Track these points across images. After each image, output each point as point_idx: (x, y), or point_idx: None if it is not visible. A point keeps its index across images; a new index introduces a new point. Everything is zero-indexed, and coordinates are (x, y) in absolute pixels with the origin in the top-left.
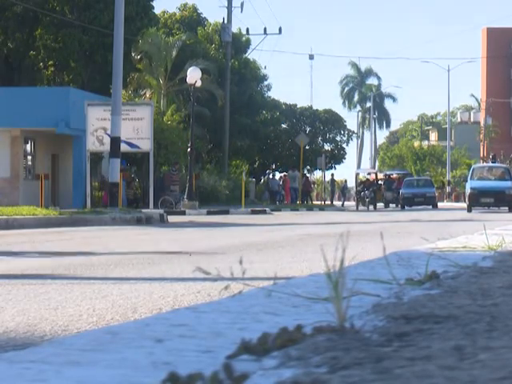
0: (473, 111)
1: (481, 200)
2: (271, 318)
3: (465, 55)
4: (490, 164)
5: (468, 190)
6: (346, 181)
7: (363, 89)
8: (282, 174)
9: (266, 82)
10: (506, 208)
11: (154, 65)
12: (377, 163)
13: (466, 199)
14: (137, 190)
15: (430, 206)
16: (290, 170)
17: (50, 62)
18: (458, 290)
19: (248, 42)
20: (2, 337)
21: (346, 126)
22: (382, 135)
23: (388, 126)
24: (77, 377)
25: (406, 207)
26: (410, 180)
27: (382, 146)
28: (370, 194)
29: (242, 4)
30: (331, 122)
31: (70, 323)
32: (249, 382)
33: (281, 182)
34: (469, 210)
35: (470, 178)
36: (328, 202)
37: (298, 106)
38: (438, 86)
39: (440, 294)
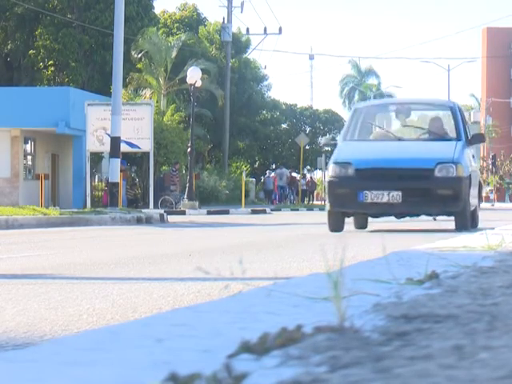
0: (473, 111)
1: (365, 198)
2: (271, 317)
3: (465, 55)
4: (404, 99)
5: (330, 172)
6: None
7: (363, 88)
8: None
9: (265, 82)
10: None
11: (154, 65)
12: None
13: (326, 197)
14: (137, 190)
15: None
16: (278, 168)
17: (50, 62)
18: (457, 290)
19: (248, 42)
20: (2, 336)
21: None
22: None
23: None
24: (77, 377)
25: None
26: None
27: None
28: None
29: (242, 4)
30: (331, 121)
31: (70, 323)
32: (249, 381)
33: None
34: (332, 226)
35: (345, 138)
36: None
37: (298, 106)
38: (438, 85)
39: (440, 294)
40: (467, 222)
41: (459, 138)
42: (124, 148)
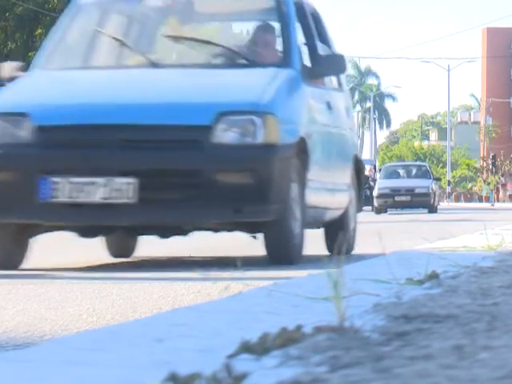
0: (473, 111)
1: (54, 194)
2: (271, 317)
3: (465, 55)
4: None
5: None
6: None
7: (363, 88)
8: None
9: None
10: None
11: None
12: (377, 163)
13: None
14: None
15: (425, 210)
16: None
17: None
18: (457, 290)
19: None
20: (2, 336)
21: None
22: (382, 135)
23: (388, 125)
24: (77, 377)
25: (383, 212)
26: (393, 167)
27: (382, 146)
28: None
29: None
30: None
31: (70, 323)
32: (249, 382)
33: None
34: None
35: (44, 65)
36: None
37: None
38: (438, 85)
39: (440, 294)
40: (290, 244)
41: (288, 64)
42: None
